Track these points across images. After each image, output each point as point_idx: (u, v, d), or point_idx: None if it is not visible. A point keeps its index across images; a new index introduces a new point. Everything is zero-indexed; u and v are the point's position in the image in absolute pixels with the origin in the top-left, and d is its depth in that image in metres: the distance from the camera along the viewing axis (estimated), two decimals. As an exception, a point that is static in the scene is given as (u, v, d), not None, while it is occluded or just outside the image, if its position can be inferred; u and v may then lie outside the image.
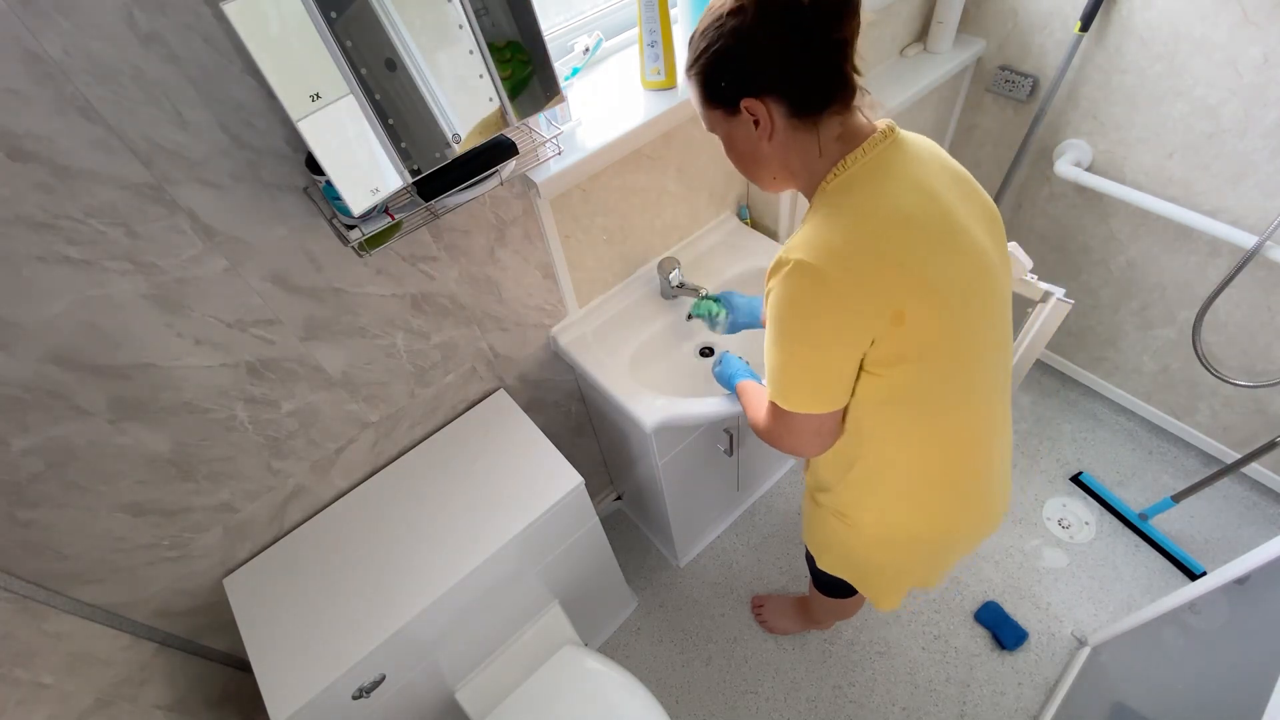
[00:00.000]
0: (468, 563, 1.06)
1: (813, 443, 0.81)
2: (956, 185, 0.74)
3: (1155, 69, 1.39)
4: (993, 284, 0.75)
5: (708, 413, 1.16)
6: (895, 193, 0.68)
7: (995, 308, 0.76)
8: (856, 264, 0.65)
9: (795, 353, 0.72)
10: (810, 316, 0.69)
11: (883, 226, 0.66)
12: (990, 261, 0.74)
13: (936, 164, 0.73)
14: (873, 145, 0.69)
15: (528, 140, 0.96)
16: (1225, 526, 1.72)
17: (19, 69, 0.62)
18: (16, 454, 0.80)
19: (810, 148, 0.70)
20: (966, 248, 0.71)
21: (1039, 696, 1.51)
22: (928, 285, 0.67)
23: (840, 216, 0.67)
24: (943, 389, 0.75)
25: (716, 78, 0.69)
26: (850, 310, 0.67)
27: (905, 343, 0.69)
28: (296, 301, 0.93)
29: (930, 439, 0.80)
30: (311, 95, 0.67)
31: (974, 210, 0.74)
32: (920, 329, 0.68)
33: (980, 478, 0.87)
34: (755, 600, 1.70)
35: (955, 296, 0.70)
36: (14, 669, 0.82)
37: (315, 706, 0.96)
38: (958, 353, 0.73)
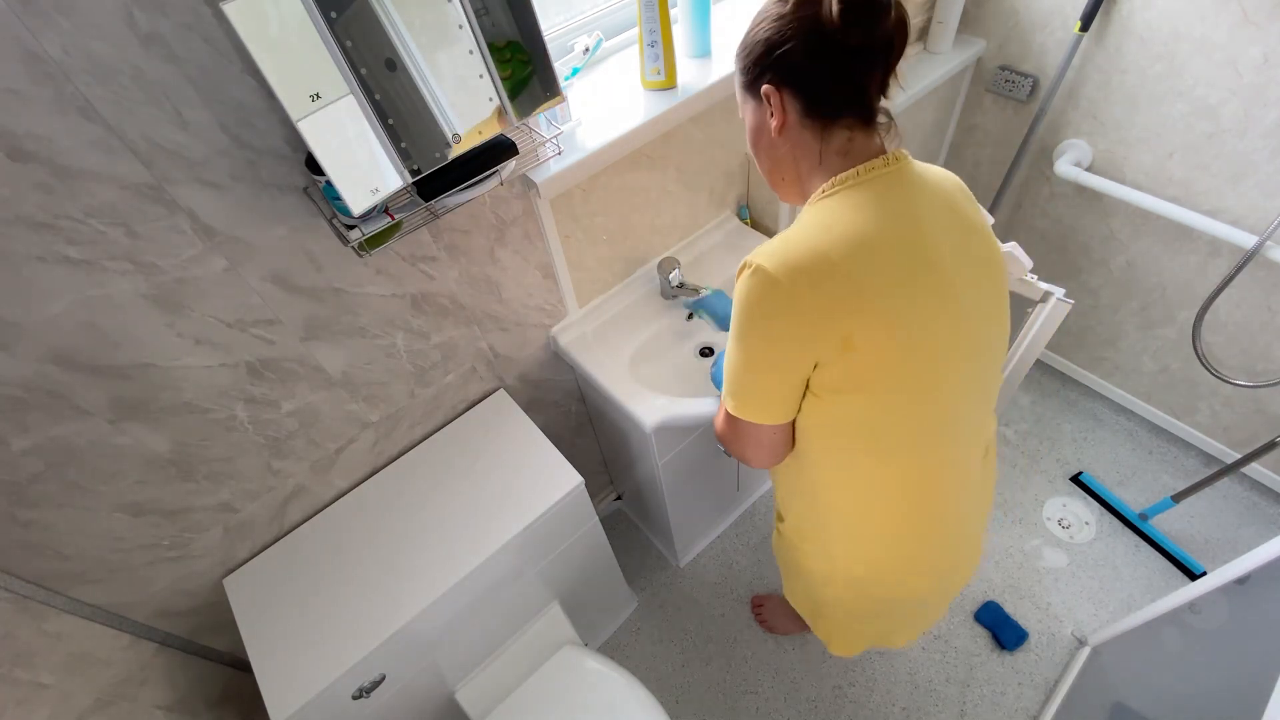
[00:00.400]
0: (468, 563, 1.06)
1: (758, 452, 0.80)
2: (956, 227, 0.71)
3: (1155, 69, 1.39)
4: (969, 331, 0.72)
5: (708, 413, 1.16)
6: (874, 217, 0.66)
7: (969, 354, 0.73)
8: (814, 279, 0.64)
9: (747, 358, 0.72)
10: (763, 323, 0.68)
11: (850, 248, 0.65)
12: (967, 303, 0.71)
13: (942, 202, 0.71)
14: (869, 169, 0.68)
15: (528, 140, 0.96)
16: (1225, 526, 1.72)
17: (19, 69, 0.62)
18: (16, 454, 0.80)
19: (812, 152, 0.70)
20: (938, 289, 0.68)
21: (1039, 696, 1.51)
22: (885, 314, 0.65)
23: (810, 229, 0.67)
24: (894, 430, 0.73)
25: (748, 58, 0.70)
26: (801, 324, 0.66)
27: (852, 371, 0.67)
28: (296, 301, 0.93)
29: (885, 482, 0.78)
30: (311, 95, 0.67)
31: (966, 255, 0.72)
32: (870, 358, 0.67)
33: (935, 533, 0.84)
34: (755, 600, 1.70)
35: (916, 333, 0.67)
36: (14, 669, 0.82)
37: (315, 706, 0.96)
38: (913, 393, 0.71)
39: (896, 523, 0.81)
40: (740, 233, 1.49)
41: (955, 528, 0.85)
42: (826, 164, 0.70)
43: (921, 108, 1.67)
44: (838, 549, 0.87)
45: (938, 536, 0.84)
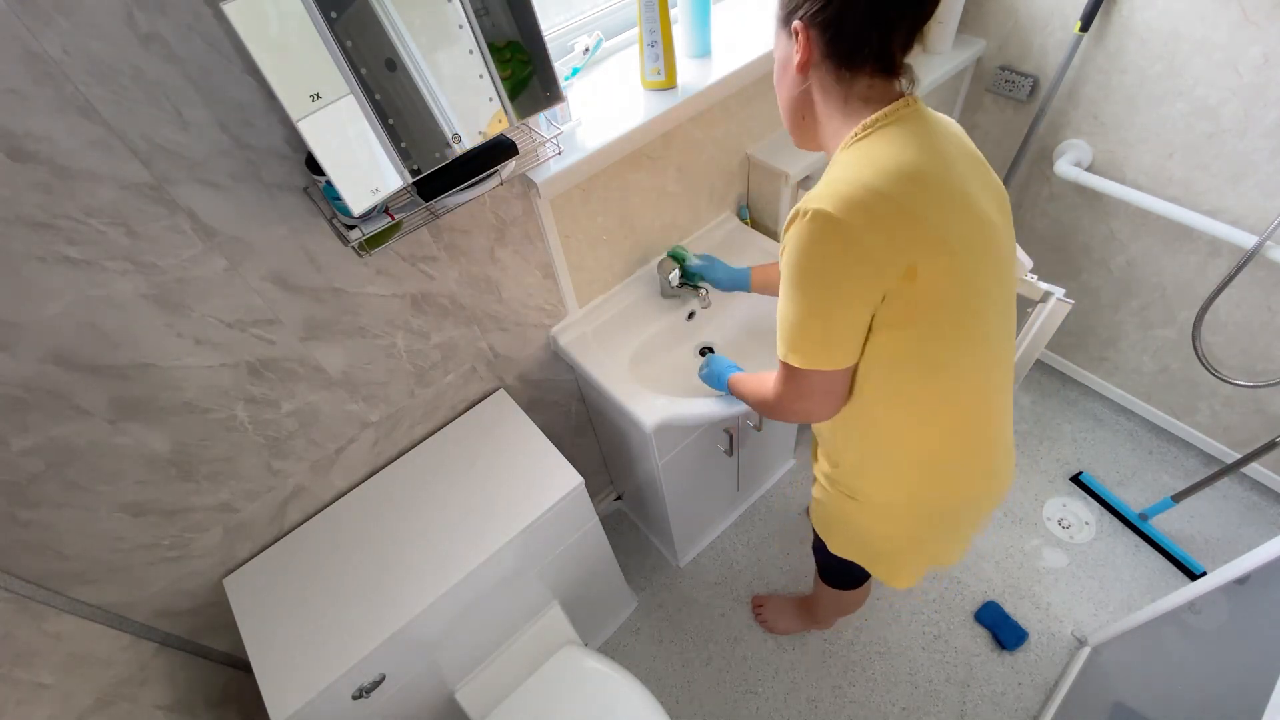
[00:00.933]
0: (468, 563, 1.06)
1: (824, 403, 0.81)
2: (970, 162, 0.76)
3: (1155, 69, 1.39)
4: (999, 254, 0.77)
5: (708, 413, 1.16)
6: (913, 152, 0.69)
7: (1002, 277, 0.78)
8: (875, 213, 0.66)
9: (810, 304, 0.72)
10: (827, 265, 0.69)
11: (901, 181, 0.67)
12: (998, 233, 0.76)
13: (955, 140, 0.75)
14: (895, 110, 0.71)
15: (528, 140, 0.96)
16: (1225, 526, 1.72)
17: (19, 69, 0.62)
18: (16, 454, 0.80)
19: (834, 96, 0.73)
20: (978, 213, 0.73)
21: (1039, 696, 1.51)
22: (942, 243, 0.68)
23: (859, 169, 0.68)
24: (950, 352, 0.76)
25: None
26: (867, 260, 0.67)
27: (915, 301, 0.70)
28: (296, 301, 0.93)
29: (937, 403, 0.80)
30: (311, 95, 0.67)
31: (985, 188, 0.76)
32: (931, 287, 0.69)
33: (987, 441, 0.87)
34: (755, 600, 1.70)
35: (967, 257, 0.71)
36: (14, 669, 0.82)
37: (315, 706, 0.96)
38: (965, 316, 0.74)
39: (960, 435, 0.84)
40: (740, 233, 1.49)
41: (998, 433, 0.88)
42: (850, 109, 0.72)
43: (921, 108, 1.67)
44: (900, 475, 0.88)
45: (987, 441, 0.87)
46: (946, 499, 0.91)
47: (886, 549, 1.01)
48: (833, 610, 1.51)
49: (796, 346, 0.75)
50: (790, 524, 1.86)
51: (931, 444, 0.84)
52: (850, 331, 0.73)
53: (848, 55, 0.70)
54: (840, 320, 0.72)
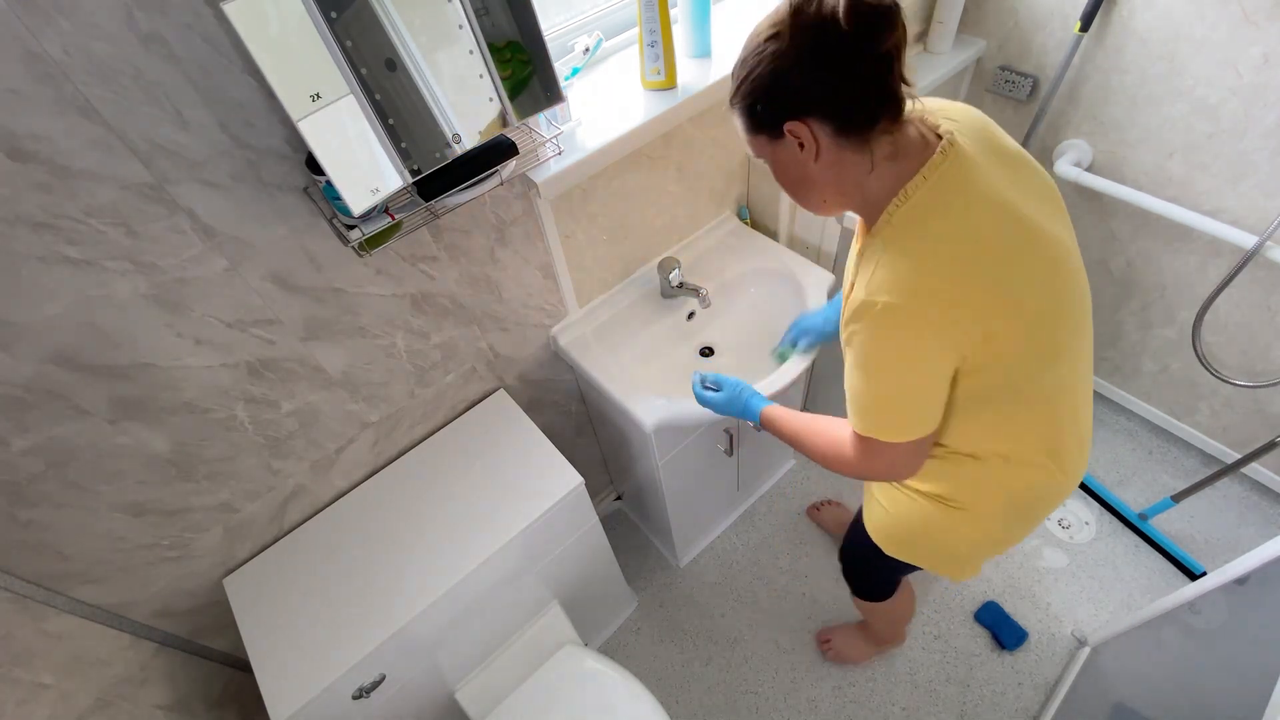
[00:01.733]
0: (468, 563, 1.06)
1: (915, 464, 0.80)
2: (1015, 173, 0.73)
3: (1155, 69, 1.39)
4: (1070, 268, 0.75)
5: (708, 413, 1.16)
6: (967, 214, 0.67)
7: (1074, 282, 0.76)
8: (944, 298, 0.66)
9: (894, 391, 0.73)
10: (904, 354, 0.69)
11: (962, 253, 0.66)
12: (1064, 248, 0.74)
13: (995, 160, 0.72)
14: (934, 168, 0.68)
15: (528, 140, 0.96)
16: (1225, 526, 1.72)
17: (19, 69, 0.62)
18: (16, 454, 0.80)
19: (862, 165, 0.70)
20: (1044, 248, 0.71)
21: (1039, 696, 1.51)
22: (1014, 302, 0.68)
23: (917, 251, 0.67)
24: (1033, 376, 0.75)
25: (757, 104, 0.68)
26: (943, 342, 0.68)
27: (995, 352, 0.70)
28: (296, 301, 0.93)
29: (1023, 425, 0.80)
30: (311, 95, 0.67)
31: (1035, 195, 0.74)
32: (1009, 339, 0.69)
33: (1073, 443, 0.87)
34: (821, 635, 1.64)
35: (1038, 299, 0.71)
36: (14, 669, 0.82)
37: (315, 706, 0.96)
38: (1044, 339, 0.73)
39: (1039, 450, 0.83)
40: (740, 233, 1.49)
41: (1081, 431, 0.87)
42: (881, 172, 0.70)
43: (921, 108, 1.67)
44: (989, 491, 0.87)
45: (1072, 443, 0.87)
46: (1037, 502, 0.90)
47: (963, 550, 0.98)
48: (885, 622, 1.47)
49: (881, 425, 0.75)
50: (790, 524, 1.86)
51: (1025, 458, 0.84)
52: (934, 401, 0.73)
53: (861, 122, 0.66)
54: (923, 397, 0.73)
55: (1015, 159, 0.75)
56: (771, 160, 0.75)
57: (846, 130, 0.67)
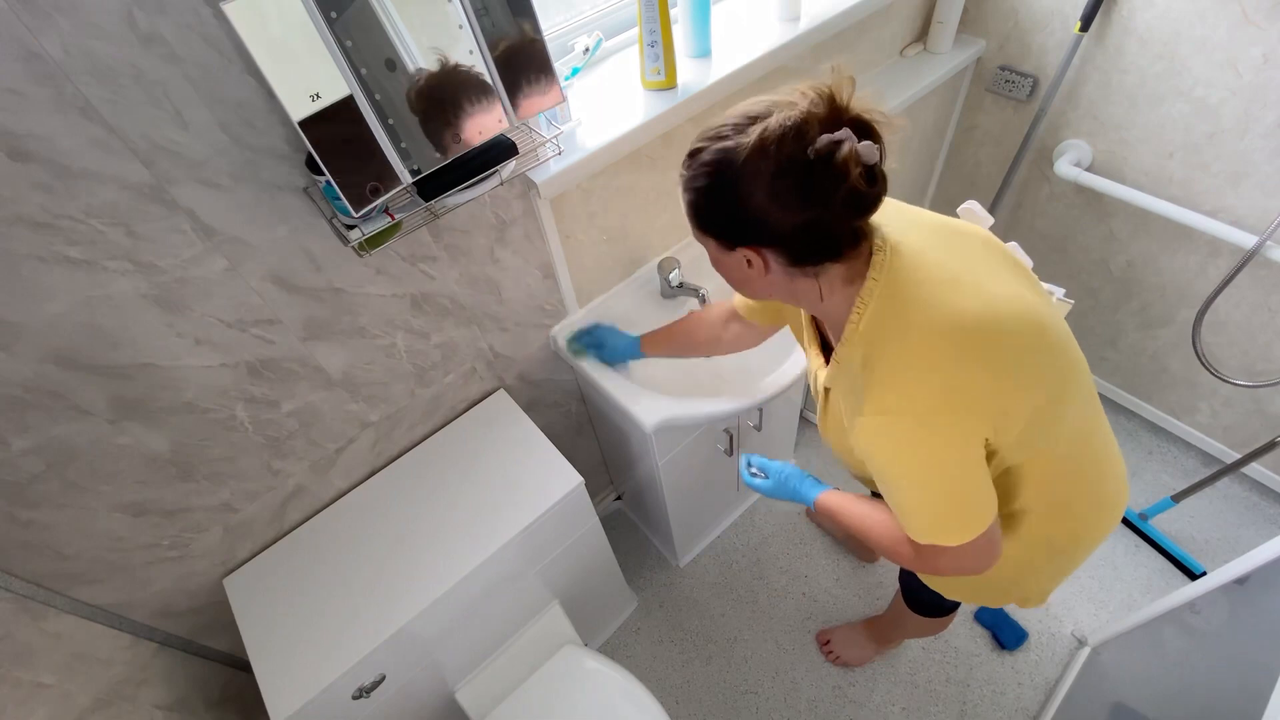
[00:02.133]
0: (468, 563, 1.06)
1: (987, 554, 0.76)
2: (949, 239, 0.73)
3: (1155, 69, 1.39)
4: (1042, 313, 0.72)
5: (708, 413, 1.16)
6: (931, 298, 0.66)
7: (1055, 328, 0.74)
8: (952, 401, 0.65)
9: (938, 494, 0.70)
10: (945, 459, 0.67)
11: (946, 338, 0.65)
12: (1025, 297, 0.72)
13: (925, 233, 0.72)
14: (879, 269, 0.67)
15: (528, 140, 0.96)
16: (1225, 526, 1.72)
17: (19, 69, 0.62)
18: (16, 454, 0.80)
19: (810, 292, 0.69)
20: (1012, 303, 0.69)
21: (1039, 696, 1.51)
22: (1012, 364, 0.67)
23: (906, 354, 0.66)
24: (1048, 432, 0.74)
25: (710, 214, 0.66)
26: (967, 431, 0.66)
27: (1015, 423, 0.68)
28: (296, 301, 0.93)
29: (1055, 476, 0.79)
30: (311, 95, 0.67)
31: (979, 257, 0.73)
32: (1023, 409, 0.68)
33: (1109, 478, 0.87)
34: (820, 636, 1.64)
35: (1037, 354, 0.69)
36: (14, 669, 0.82)
37: (315, 706, 0.96)
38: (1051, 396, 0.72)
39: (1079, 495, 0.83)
40: (740, 233, 1.48)
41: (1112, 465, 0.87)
42: (835, 293, 0.69)
43: (922, 108, 1.67)
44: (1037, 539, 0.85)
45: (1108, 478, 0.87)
46: (1080, 541, 0.89)
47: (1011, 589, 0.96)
48: (912, 634, 1.44)
49: (942, 530, 0.72)
50: (790, 524, 1.86)
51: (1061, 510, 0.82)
52: (985, 488, 0.71)
53: (816, 258, 0.65)
54: (969, 488, 0.70)
55: (942, 225, 0.75)
56: (714, 258, 0.72)
57: (803, 264, 0.66)
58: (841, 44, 1.40)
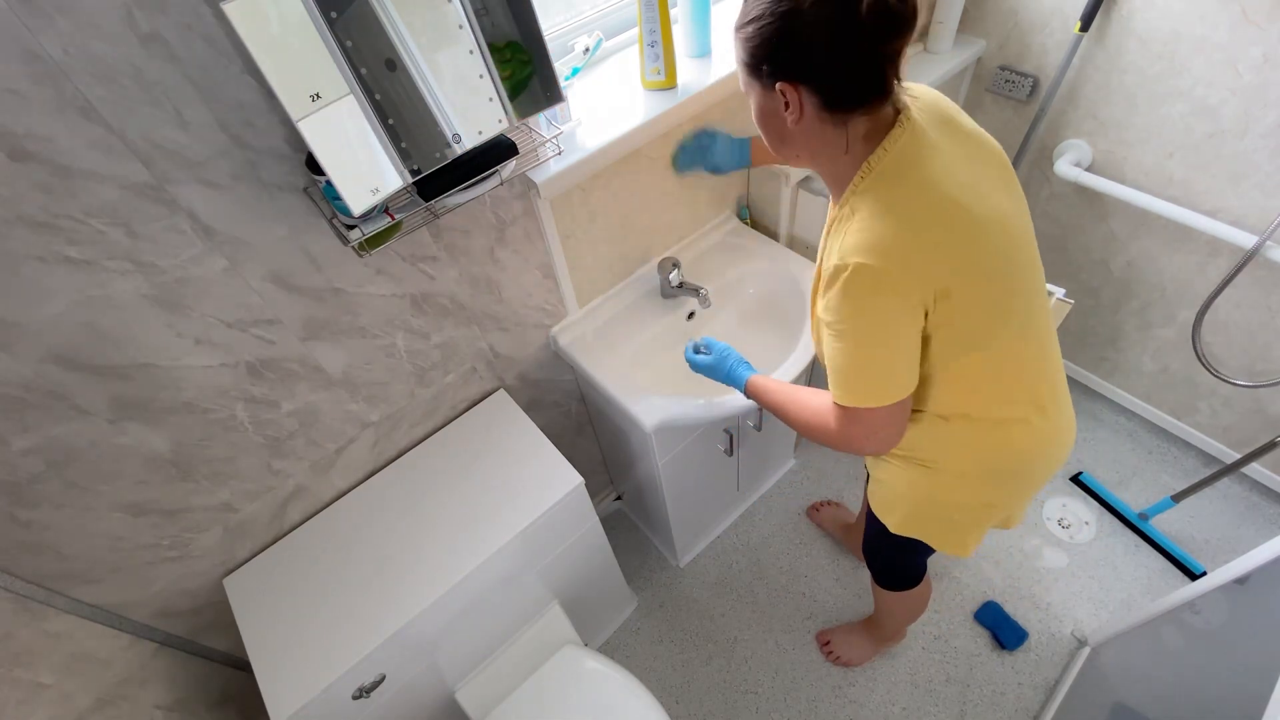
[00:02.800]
0: (468, 563, 1.06)
1: (892, 431, 0.82)
2: (965, 144, 0.78)
3: (1155, 69, 1.39)
4: (1017, 232, 0.79)
5: (708, 413, 1.16)
6: (924, 181, 0.72)
7: (1023, 248, 0.81)
8: (910, 258, 0.70)
9: (867, 350, 0.75)
10: (880, 315, 0.72)
11: (920, 215, 0.71)
12: (1011, 215, 0.79)
13: (947, 132, 0.77)
14: (893, 140, 0.72)
15: (528, 140, 0.96)
16: (1225, 526, 1.72)
17: (19, 69, 0.62)
18: (16, 454, 0.80)
19: (836, 142, 0.74)
20: (992, 211, 0.75)
21: (1039, 696, 1.51)
22: (968, 261, 0.73)
23: (882, 214, 0.71)
24: (994, 330, 0.78)
25: (758, 52, 0.70)
26: (910, 299, 0.71)
27: (954, 308, 0.73)
28: (296, 301, 0.93)
29: (993, 377, 0.83)
30: (311, 95, 0.67)
31: (985, 164, 0.79)
32: (965, 295, 0.73)
33: (1049, 400, 0.89)
34: (820, 636, 1.64)
35: (994, 259, 0.75)
36: (14, 669, 0.82)
37: (315, 706, 0.96)
38: (1001, 299, 0.77)
39: (1013, 401, 0.86)
40: (740, 233, 1.49)
41: (1054, 390, 0.90)
42: (854, 151, 0.74)
43: (921, 108, 1.67)
44: (971, 447, 0.90)
45: (1048, 400, 0.89)
46: (1018, 459, 0.92)
47: (958, 518, 0.99)
48: (900, 617, 1.45)
49: (859, 391, 0.78)
50: (790, 524, 1.86)
51: (995, 414, 0.86)
52: (908, 362, 0.76)
53: (850, 102, 0.70)
54: (897, 357, 0.75)
55: (969, 133, 0.80)
56: (754, 104, 0.77)
57: (832, 107, 0.70)
58: (841, 44, 1.40)
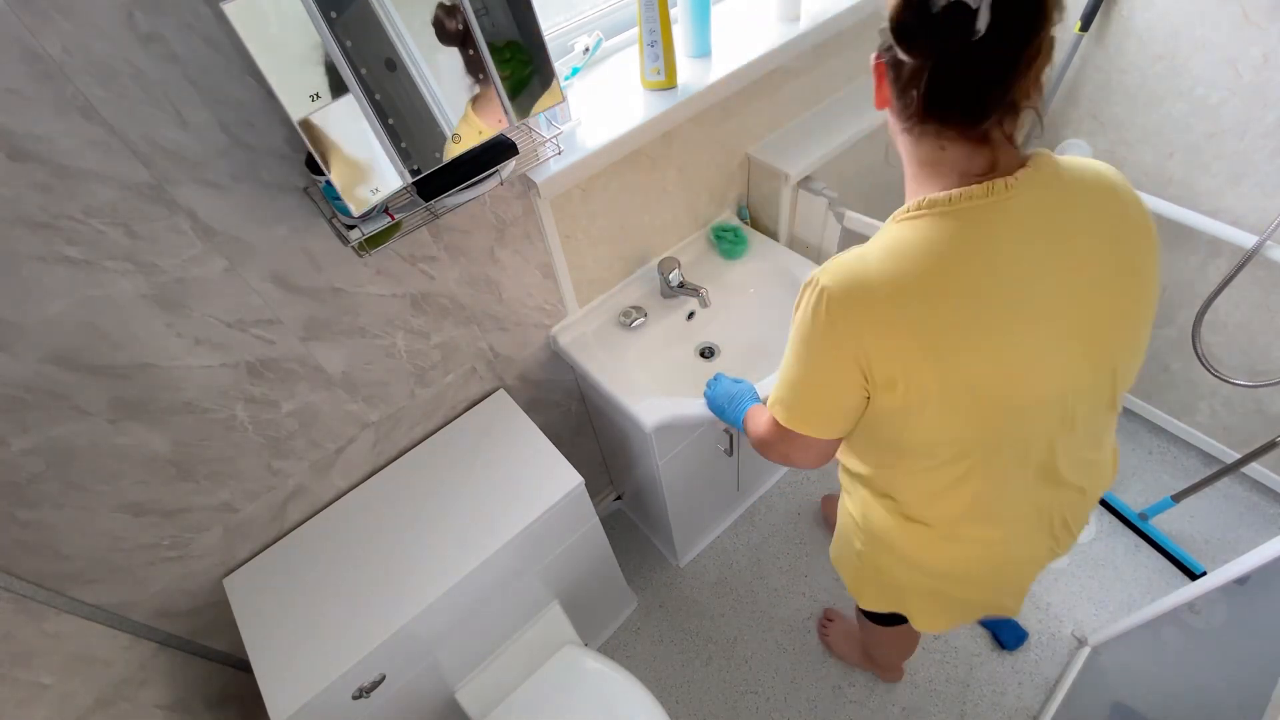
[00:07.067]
0: (468, 563, 1.06)
1: (804, 459, 0.79)
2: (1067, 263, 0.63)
3: (1155, 69, 1.39)
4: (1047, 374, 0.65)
5: (708, 413, 1.16)
6: (944, 258, 0.61)
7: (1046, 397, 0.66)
8: (846, 305, 0.63)
9: (799, 372, 0.72)
10: (812, 339, 0.68)
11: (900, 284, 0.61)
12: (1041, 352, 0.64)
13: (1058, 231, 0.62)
14: (965, 198, 0.60)
15: (528, 140, 0.96)
16: (1225, 526, 1.72)
17: (19, 69, 0.62)
18: (16, 454, 0.80)
19: (906, 150, 0.66)
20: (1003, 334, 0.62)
21: (1039, 696, 1.51)
22: (926, 356, 0.62)
23: (875, 254, 0.63)
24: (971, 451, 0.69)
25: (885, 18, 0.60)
26: (843, 353, 0.65)
27: (910, 407, 0.65)
28: (296, 301, 0.93)
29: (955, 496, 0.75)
30: (311, 95, 0.67)
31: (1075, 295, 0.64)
32: (923, 403, 0.64)
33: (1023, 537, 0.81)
34: (827, 613, 1.65)
35: (966, 376, 0.63)
36: (14, 669, 0.82)
37: (315, 706, 0.96)
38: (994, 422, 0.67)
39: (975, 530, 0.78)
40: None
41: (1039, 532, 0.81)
42: (918, 172, 0.65)
43: (921, 108, 1.67)
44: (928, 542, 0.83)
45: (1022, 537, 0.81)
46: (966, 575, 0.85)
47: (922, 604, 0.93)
48: (888, 650, 1.42)
49: (783, 405, 0.75)
50: (790, 524, 1.86)
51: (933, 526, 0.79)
52: (832, 408, 0.71)
53: (912, 108, 0.60)
54: (824, 396, 0.70)
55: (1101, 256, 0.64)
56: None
57: (899, 109, 0.62)
58: (841, 44, 1.40)
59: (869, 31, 1.48)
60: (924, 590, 0.90)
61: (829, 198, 1.40)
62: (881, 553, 0.88)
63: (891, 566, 0.89)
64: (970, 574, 0.85)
